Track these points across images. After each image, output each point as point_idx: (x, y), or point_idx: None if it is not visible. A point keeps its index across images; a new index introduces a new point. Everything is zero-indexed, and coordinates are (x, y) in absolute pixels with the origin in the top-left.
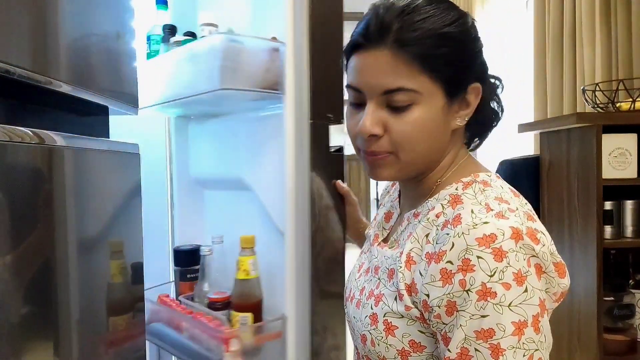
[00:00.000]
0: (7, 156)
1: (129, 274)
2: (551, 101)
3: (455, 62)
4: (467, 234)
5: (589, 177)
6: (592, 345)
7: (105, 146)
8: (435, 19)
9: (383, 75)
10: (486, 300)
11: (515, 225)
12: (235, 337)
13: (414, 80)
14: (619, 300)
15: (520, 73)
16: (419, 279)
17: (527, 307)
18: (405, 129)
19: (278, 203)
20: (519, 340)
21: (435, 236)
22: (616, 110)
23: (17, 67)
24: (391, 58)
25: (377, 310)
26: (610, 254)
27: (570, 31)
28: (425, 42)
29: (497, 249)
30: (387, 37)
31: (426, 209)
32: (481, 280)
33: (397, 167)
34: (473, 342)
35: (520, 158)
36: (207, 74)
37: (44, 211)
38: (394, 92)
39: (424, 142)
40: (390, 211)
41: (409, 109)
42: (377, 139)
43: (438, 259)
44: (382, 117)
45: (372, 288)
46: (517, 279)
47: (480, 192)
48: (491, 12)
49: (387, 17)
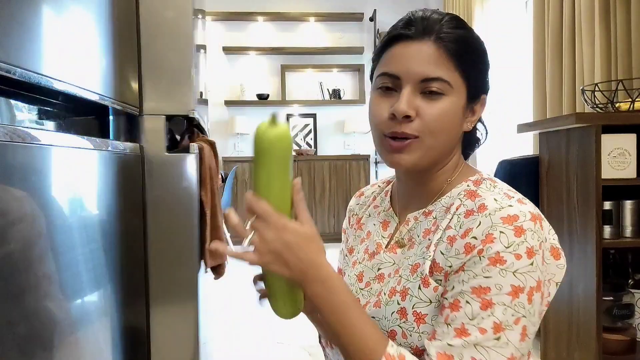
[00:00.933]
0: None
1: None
2: (550, 101)
3: (480, 68)
4: (493, 215)
5: (588, 177)
6: (591, 345)
7: (106, 147)
8: (466, 29)
9: (426, 64)
10: (495, 266)
11: (533, 211)
12: None
13: (450, 73)
14: (618, 300)
15: (519, 73)
16: (440, 257)
17: (529, 277)
18: (436, 114)
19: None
20: (512, 301)
21: (458, 222)
22: (615, 111)
23: (17, 67)
24: (434, 50)
25: (406, 304)
26: (610, 253)
27: (570, 31)
28: (462, 44)
29: (519, 227)
30: (431, 33)
31: (440, 206)
32: (497, 249)
33: (419, 152)
34: (467, 295)
35: (520, 158)
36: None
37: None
38: (432, 81)
39: (446, 131)
40: (386, 220)
41: (440, 98)
42: (409, 121)
43: (464, 235)
44: (417, 103)
45: (394, 286)
46: (528, 252)
47: (492, 187)
48: (490, 13)
49: (431, 19)
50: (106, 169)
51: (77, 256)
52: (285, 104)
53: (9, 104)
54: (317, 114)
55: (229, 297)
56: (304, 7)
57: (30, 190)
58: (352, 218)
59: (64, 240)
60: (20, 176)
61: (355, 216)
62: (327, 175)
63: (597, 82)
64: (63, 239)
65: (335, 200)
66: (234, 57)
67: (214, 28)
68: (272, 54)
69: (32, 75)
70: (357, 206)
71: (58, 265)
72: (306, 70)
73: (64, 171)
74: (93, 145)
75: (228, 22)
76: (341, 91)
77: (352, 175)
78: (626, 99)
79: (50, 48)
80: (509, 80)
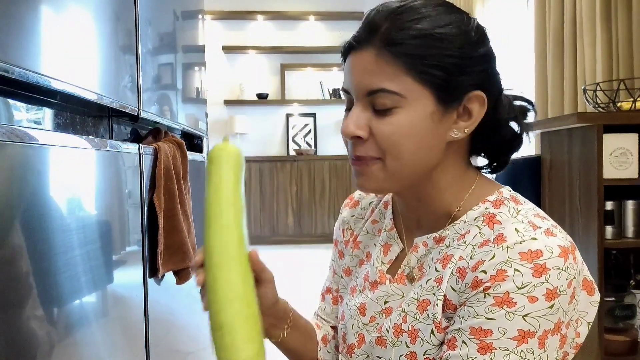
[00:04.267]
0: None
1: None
2: (552, 101)
3: (447, 65)
4: (511, 248)
5: (590, 177)
6: (593, 346)
7: (106, 147)
8: (428, 20)
9: (367, 75)
10: (501, 308)
11: (563, 244)
12: None
13: (397, 81)
14: (620, 300)
15: (520, 73)
16: (452, 293)
17: (544, 321)
18: (389, 132)
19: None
20: (517, 347)
21: (470, 253)
22: (617, 110)
23: (16, 67)
24: (375, 57)
25: (416, 349)
26: (612, 254)
27: (571, 31)
28: (413, 42)
29: (540, 265)
30: (375, 37)
31: (454, 232)
32: (506, 289)
33: (382, 175)
34: (464, 334)
35: (521, 158)
36: None
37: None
38: (376, 93)
39: (410, 149)
40: (388, 243)
41: (393, 112)
42: (363, 142)
43: (475, 268)
44: (367, 119)
45: (398, 323)
46: (549, 294)
47: (516, 211)
48: (491, 12)
49: (377, 18)
50: (105, 169)
51: (75, 256)
52: (285, 103)
53: (6, 103)
54: (317, 114)
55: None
56: (304, 5)
57: (29, 190)
58: (347, 232)
59: (61, 240)
60: (18, 176)
61: (350, 231)
62: (327, 175)
63: (598, 81)
64: (61, 238)
65: (335, 200)
66: (233, 56)
67: (213, 27)
68: (271, 53)
69: (31, 75)
70: (353, 219)
71: (57, 264)
72: (306, 70)
73: (62, 171)
74: (91, 145)
75: (227, 21)
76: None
77: (352, 175)
78: (628, 99)
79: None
80: (510, 80)
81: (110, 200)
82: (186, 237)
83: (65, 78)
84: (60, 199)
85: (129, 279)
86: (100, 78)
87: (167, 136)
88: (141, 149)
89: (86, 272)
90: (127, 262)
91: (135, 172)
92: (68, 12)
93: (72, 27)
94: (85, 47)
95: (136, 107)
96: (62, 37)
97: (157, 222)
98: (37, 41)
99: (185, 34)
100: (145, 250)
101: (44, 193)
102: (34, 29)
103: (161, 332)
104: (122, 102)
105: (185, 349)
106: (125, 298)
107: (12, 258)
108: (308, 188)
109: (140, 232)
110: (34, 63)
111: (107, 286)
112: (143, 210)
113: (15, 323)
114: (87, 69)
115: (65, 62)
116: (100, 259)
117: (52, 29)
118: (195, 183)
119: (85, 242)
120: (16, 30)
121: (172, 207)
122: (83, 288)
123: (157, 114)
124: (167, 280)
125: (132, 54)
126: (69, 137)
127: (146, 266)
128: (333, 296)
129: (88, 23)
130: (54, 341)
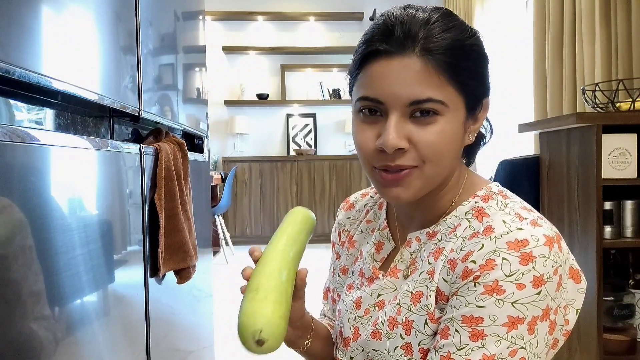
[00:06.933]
0: (6, 156)
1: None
2: (551, 101)
3: (478, 75)
4: (499, 239)
5: (589, 177)
6: (592, 345)
7: (107, 147)
8: (457, 31)
9: (412, 85)
10: (490, 295)
11: (548, 233)
12: None
13: (442, 90)
14: (619, 300)
15: (520, 73)
16: (444, 285)
17: (532, 307)
18: (432, 140)
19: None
20: (508, 332)
21: (461, 245)
22: (616, 110)
23: (17, 67)
24: (421, 66)
25: (411, 340)
26: (610, 254)
27: (570, 31)
28: (456, 52)
29: (526, 253)
30: (415, 45)
31: (445, 227)
32: (495, 277)
33: (419, 182)
34: (457, 323)
35: (520, 158)
36: None
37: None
38: (422, 103)
39: (448, 155)
40: (381, 241)
41: (434, 121)
42: (403, 152)
43: (464, 258)
44: (407, 130)
45: (392, 315)
46: (535, 281)
47: (503, 205)
48: (491, 12)
49: (413, 22)
50: (106, 169)
51: (76, 256)
52: (285, 103)
53: (8, 103)
54: (317, 114)
55: (229, 297)
56: (304, 6)
57: (30, 190)
58: (343, 234)
59: (62, 240)
60: (19, 176)
61: (347, 232)
62: (327, 175)
63: (597, 81)
64: (63, 238)
65: (335, 200)
66: (233, 56)
67: (213, 28)
68: (272, 53)
69: (32, 75)
70: (348, 221)
71: (58, 264)
72: (306, 70)
73: (64, 171)
74: (93, 145)
75: (228, 22)
76: (341, 91)
77: (352, 175)
78: (627, 99)
79: (49, 48)
80: (509, 80)
81: (111, 200)
82: (187, 236)
83: (67, 78)
84: (62, 199)
85: (130, 278)
86: (101, 78)
87: (168, 136)
88: (142, 149)
89: (87, 271)
90: (128, 261)
91: (136, 172)
92: (69, 12)
93: (73, 28)
94: (86, 48)
95: (137, 108)
96: (63, 38)
97: (158, 222)
98: (38, 42)
99: (186, 34)
100: (146, 250)
101: (45, 193)
102: (35, 29)
103: (162, 331)
104: (123, 102)
105: (186, 348)
106: (126, 297)
107: (13, 258)
108: (308, 188)
109: (141, 231)
110: (35, 63)
111: (108, 286)
112: (144, 210)
113: (16, 322)
114: (88, 70)
115: (66, 62)
116: (101, 258)
117: (53, 29)
118: (196, 183)
119: (87, 242)
120: (17, 31)
121: (173, 207)
122: (84, 287)
123: (158, 114)
124: (167, 279)
125: (133, 55)
126: (70, 138)
127: (147, 266)
128: (332, 296)
129: (89, 24)
130: (55, 340)
